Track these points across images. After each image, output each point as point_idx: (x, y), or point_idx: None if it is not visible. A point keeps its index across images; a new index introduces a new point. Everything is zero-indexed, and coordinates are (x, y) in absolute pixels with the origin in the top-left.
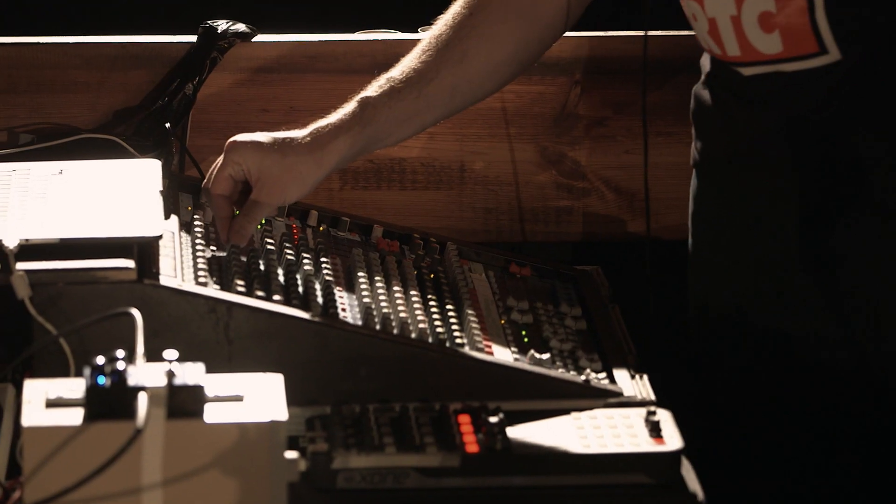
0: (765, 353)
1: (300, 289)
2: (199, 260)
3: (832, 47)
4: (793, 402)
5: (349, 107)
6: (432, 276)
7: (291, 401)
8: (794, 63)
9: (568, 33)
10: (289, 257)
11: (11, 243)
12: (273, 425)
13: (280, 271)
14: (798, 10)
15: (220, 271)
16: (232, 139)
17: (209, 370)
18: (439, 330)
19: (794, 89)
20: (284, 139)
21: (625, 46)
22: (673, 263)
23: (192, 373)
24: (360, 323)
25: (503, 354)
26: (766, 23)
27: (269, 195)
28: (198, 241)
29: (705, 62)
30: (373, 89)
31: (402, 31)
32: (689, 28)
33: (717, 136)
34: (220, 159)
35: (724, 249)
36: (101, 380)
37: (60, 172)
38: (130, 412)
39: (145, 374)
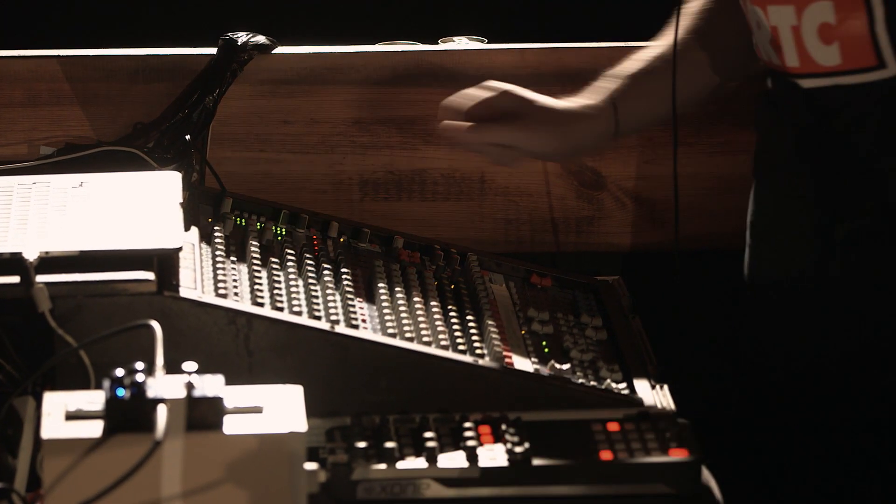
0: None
1: (320, 300)
2: (219, 272)
3: (891, 61)
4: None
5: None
6: (453, 286)
7: (311, 412)
8: (852, 76)
9: (587, 43)
10: (309, 269)
11: (31, 256)
12: (292, 436)
13: (300, 283)
14: (858, 23)
15: (240, 283)
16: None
17: (229, 382)
18: (459, 341)
19: (851, 103)
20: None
21: None
22: (693, 273)
23: (211, 384)
24: (380, 334)
25: (523, 365)
26: (825, 34)
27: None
28: (218, 252)
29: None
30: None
31: (423, 43)
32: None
33: (776, 147)
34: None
35: (780, 258)
36: (121, 392)
37: (80, 185)
38: (150, 424)
39: (165, 386)
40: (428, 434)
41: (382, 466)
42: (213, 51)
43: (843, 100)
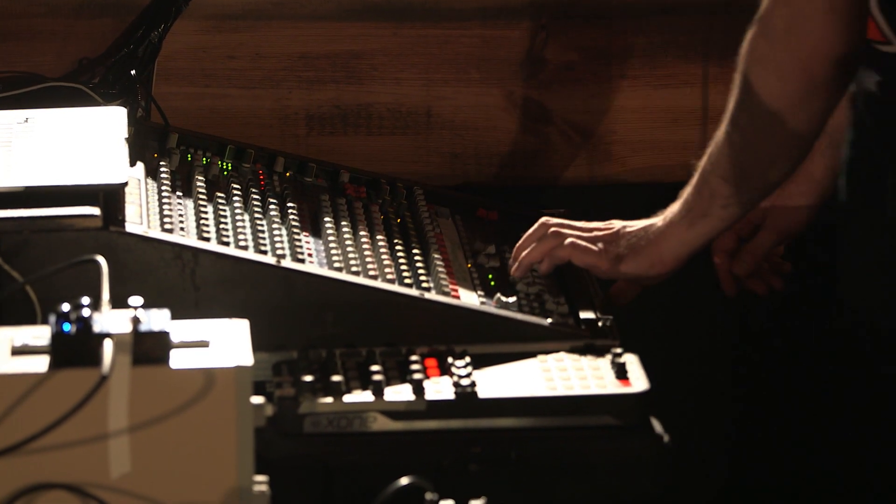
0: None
1: (266, 235)
2: (165, 207)
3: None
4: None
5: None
6: (399, 220)
7: (258, 346)
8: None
9: None
10: (255, 203)
11: None
12: (239, 370)
13: (246, 217)
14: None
15: (186, 218)
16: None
17: (175, 317)
18: (406, 274)
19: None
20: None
21: None
22: (639, 207)
23: (157, 319)
24: (326, 268)
25: (470, 298)
26: None
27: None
28: (164, 187)
29: None
30: None
31: None
32: None
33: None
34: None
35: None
36: (67, 327)
37: (26, 121)
38: (96, 359)
39: (111, 321)
40: (374, 367)
41: (329, 400)
42: None
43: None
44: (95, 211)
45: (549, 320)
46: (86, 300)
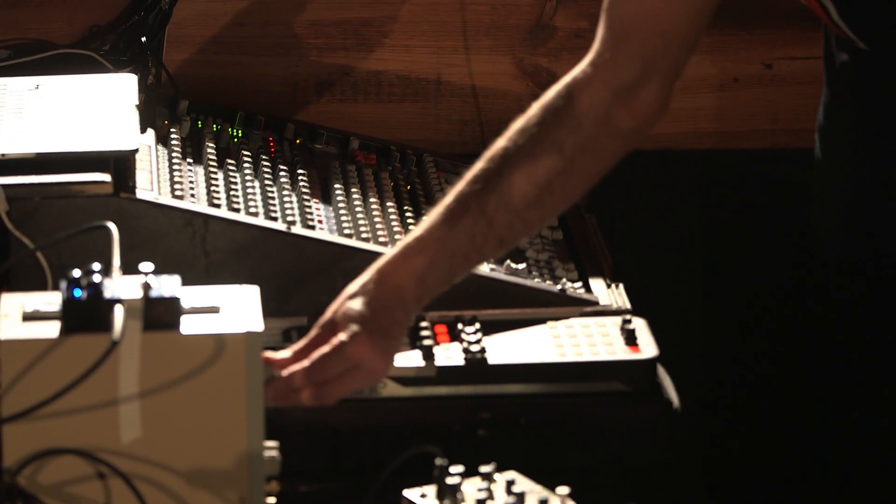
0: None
1: (276, 201)
2: (176, 173)
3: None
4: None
5: None
6: (409, 187)
7: (268, 312)
8: None
9: None
10: (265, 170)
11: None
12: (249, 336)
13: (256, 184)
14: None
15: (196, 184)
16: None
17: (186, 283)
18: None
19: None
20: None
21: None
22: (649, 173)
23: (168, 285)
24: (336, 235)
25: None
26: None
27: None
28: (174, 154)
29: None
30: None
31: None
32: None
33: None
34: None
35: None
36: (78, 293)
37: (37, 87)
38: (106, 325)
39: (121, 287)
40: None
41: None
42: None
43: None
44: (106, 177)
45: (559, 286)
46: (96, 266)
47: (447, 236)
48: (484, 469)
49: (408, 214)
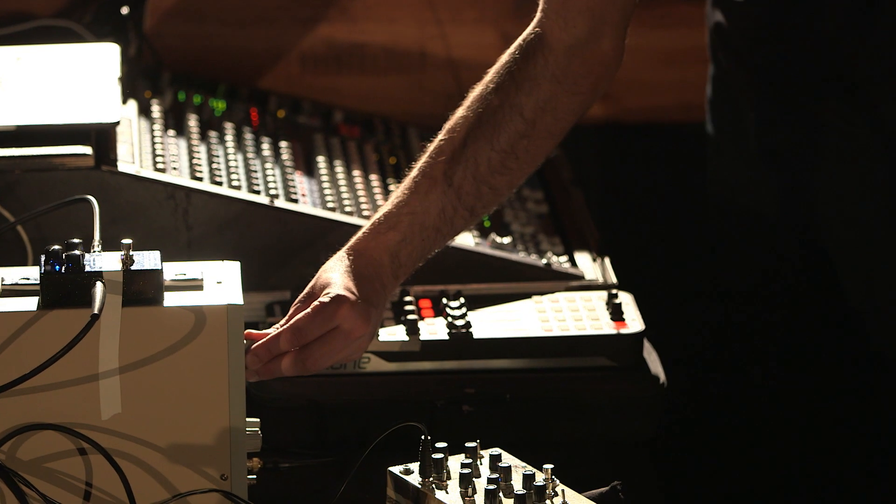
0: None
1: (259, 174)
2: (158, 146)
3: None
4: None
5: None
6: (393, 160)
7: (251, 286)
8: None
9: None
10: (248, 143)
11: None
12: (231, 309)
13: (239, 157)
14: None
15: (179, 157)
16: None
17: (168, 257)
18: None
19: None
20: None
21: None
22: (638, 147)
23: (149, 259)
24: (319, 208)
25: (464, 238)
26: None
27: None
28: (156, 127)
29: None
30: None
31: None
32: None
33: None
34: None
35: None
36: (58, 267)
37: (17, 59)
38: (87, 299)
39: (102, 261)
40: None
41: None
42: None
43: None
44: (87, 150)
45: (545, 261)
46: (77, 240)
47: (417, 210)
48: (469, 444)
49: (392, 188)
